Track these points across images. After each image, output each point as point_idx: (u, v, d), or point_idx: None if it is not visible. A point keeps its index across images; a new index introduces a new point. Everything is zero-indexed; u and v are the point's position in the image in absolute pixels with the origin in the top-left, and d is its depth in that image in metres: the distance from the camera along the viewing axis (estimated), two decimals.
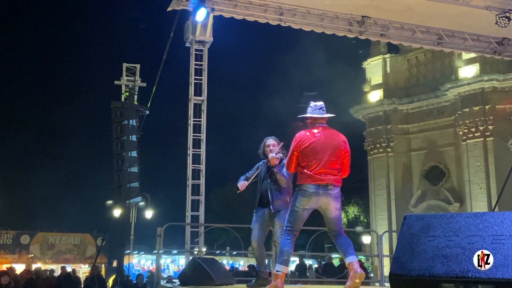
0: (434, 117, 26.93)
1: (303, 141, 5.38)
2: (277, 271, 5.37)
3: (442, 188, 26.08)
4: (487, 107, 24.47)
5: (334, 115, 5.66)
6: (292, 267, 21.00)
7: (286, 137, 6.06)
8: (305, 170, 5.31)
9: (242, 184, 6.24)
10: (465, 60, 24.93)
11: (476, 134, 24.35)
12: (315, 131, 5.44)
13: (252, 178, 6.25)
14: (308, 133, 5.45)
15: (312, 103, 5.60)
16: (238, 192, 6.26)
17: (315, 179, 5.26)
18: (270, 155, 6.04)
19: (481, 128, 24.20)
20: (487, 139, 24.18)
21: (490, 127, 24.17)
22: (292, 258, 5.74)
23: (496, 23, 10.46)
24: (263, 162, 6.35)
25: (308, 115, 5.55)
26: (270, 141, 6.33)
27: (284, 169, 5.99)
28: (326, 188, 5.27)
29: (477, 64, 24.50)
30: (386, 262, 13.20)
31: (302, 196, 5.31)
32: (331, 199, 5.31)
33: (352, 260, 5.24)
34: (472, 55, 19.37)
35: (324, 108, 5.58)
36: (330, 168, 5.30)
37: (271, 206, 6.05)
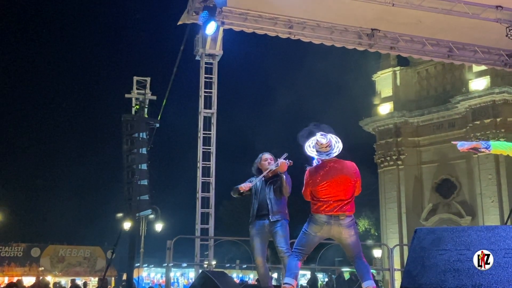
0: (445, 129, 26.81)
1: (313, 180, 5.38)
2: (286, 283, 5.34)
3: (454, 201, 25.88)
4: (498, 119, 24.34)
5: (340, 150, 5.40)
6: (303, 281, 20.85)
7: (295, 148, 5.93)
8: (318, 202, 5.35)
9: (245, 185, 6.04)
10: (475, 72, 24.86)
11: None
12: (325, 167, 5.38)
13: (254, 183, 6.04)
14: (318, 171, 5.41)
15: (319, 140, 5.33)
16: (242, 193, 6.04)
17: (327, 211, 5.30)
18: (281, 160, 5.87)
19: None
20: None
21: (502, 140, 24.01)
22: (303, 272, 5.72)
23: (506, 36, 10.46)
24: (255, 178, 6.21)
25: (314, 155, 5.43)
26: (267, 155, 6.23)
27: (289, 178, 5.97)
28: (338, 218, 5.29)
29: (488, 76, 24.42)
30: (397, 276, 13.07)
31: (314, 224, 5.35)
32: (343, 228, 5.31)
33: (368, 286, 5.27)
34: (483, 67, 19.33)
35: (332, 145, 5.35)
36: (341, 199, 5.31)
37: (270, 216, 5.92)
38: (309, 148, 5.46)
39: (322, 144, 5.34)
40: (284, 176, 5.91)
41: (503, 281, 3.55)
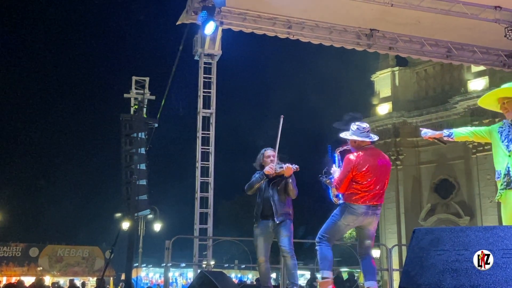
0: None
1: (360, 164, 5.31)
2: (325, 277, 5.28)
3: (452, 201, 25.89)
4: (497, 120, 24.24)
5: (377, 138, 5.61)
6: (302, 281, 20.84)
7: (297, 149, 5.95)
8: (360, 192, 5.30)
9: (270, 167, 5.89)
10: (474, 73, 24.86)
11: (486, 147, 24.18)
12: (369, 153, 5.40)
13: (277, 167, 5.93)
14: (363, 156, 5.37)
15: (360, 125, 5.49)
16: (271, 175, 5.91)
17: (368, 201, 5.28)
18: (286, 165, 5.85)
19: None
20: None
21: None
22: (302, 272, 5.72)
23: (505, 36, 10.46)
24: (260, 173, 6.11)
25: (356, 138, 5.46)
26: (270, 151, 6.15)
27: (294, 180, 5.96)
28: (376, 209, 5.33)
29: (486, 77, 24.42)
30: (396, 276, 13.07)
31: (351, 214, 5.30)
32: (375, 218, 5.38)
33: (370, 286, 5.31)
34: (481, 68, 19.34)
35: (370, 130, 5.54)
36: (381, 189, 5.36)
37: (275, 218, 5.90)
38: (347, 135, 5.54)
39: (365, 128, 5.48)
40: (290, 180, 5.90)
41: (501, 282, 3.55)
